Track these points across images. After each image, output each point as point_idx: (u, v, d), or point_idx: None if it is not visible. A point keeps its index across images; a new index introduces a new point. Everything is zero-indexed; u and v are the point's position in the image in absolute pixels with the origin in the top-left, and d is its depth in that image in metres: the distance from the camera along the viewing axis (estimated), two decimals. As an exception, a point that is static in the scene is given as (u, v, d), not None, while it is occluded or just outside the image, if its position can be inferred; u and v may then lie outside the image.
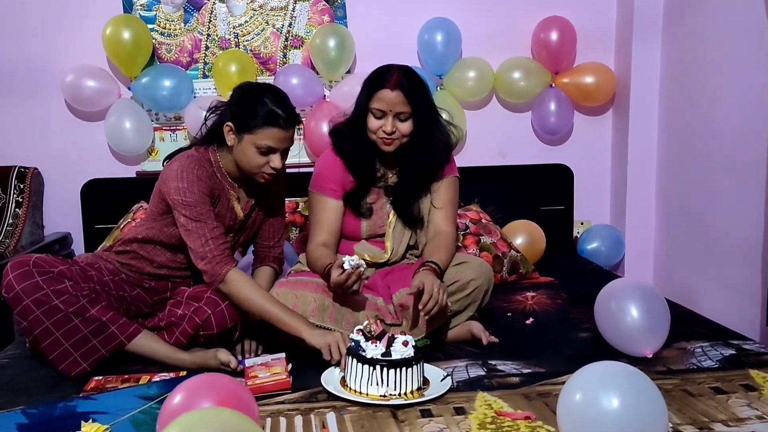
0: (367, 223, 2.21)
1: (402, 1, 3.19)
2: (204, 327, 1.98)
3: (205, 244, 1.95)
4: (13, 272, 1.86)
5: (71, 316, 1.87)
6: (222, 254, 1.96)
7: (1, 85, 3.04)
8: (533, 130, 3.35)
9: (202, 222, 1.96)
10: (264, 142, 1.94)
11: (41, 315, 1.85)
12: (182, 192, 1.96)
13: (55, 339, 1.87)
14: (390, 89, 2.05)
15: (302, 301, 2.01)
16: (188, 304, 2.01)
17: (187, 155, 2.04)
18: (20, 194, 2.98)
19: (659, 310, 1.92)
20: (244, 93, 2.01)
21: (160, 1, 3.08)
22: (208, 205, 1.99)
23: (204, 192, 1.98)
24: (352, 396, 1.68)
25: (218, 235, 1.97)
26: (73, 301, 1.87)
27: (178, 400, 1.32)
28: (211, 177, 2.04)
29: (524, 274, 2.81)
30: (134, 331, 1.95)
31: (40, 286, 1.85)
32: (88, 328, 1.89)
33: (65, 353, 1.88)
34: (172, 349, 1.97)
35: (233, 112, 1.98)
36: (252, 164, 1.98)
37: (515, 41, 3.24)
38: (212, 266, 1.94)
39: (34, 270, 1.86)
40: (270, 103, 1.94)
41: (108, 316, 1.91)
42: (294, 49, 3.17)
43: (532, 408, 1.62)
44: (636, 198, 3.23)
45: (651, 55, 3.14)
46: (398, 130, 2.09)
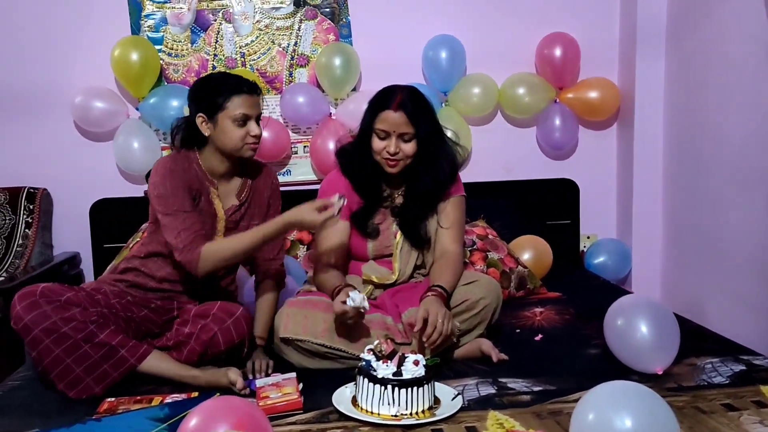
0: (373, 243, 2.23)
1: (406, 19, 3.21)
2: (211, 345, 1.99)
3: (177, 236, 2.01)
4: (20, 303, 1.87)
5: (80, 342, 1.88)
6: (192, 242, 2.00)
7: (11, 107, 3.06)
8: (538, 145, 3.36)
9: (173, 215, 2.02)
10: (238, 111, 2.03)
11: (50, 344, 1.86)
12: (156, 186, 2.05)
13: (66, 366, 1.88)
14: (393, 110, 2.07)
15: (312, 321, 2.02)
16: (195, 322, 2.02)
17: (165, 155, 2.16)
18: (30, 215, 3.00)
19: (669, 326, 1.92)
20: (202, 82, 2.13)
21: (167, 23, 3.11)
22: (181, 197, 2.04)
23: (177, 184, 2.04)
24: (363, 416, 1.69)
25: (189, 225, 2.02)
26: (82, 327, 1.89)
27: (194, 424, 1.33)
28: (189, 172, 2.10)
29: (532, 289, 2.81)
30: (144, 352, 1.96)
31: (48, 315, 1.86)
32: (98, 353, 1.90)
33: (77, 379, 1.89)
34: (184, 367, 1.98)
35: (199, 103, 2.07)
36: (234, 138, 2.05)
37: (519, 57, 3.26)
38: (185, 255, 2.00)
39: (41, 300, 1.88)
40: (228, 77, 2.10)
41: (117, 339, 1.93)
42: (300, 68, 3.20)
43: (543, 426, 1.62)
44: (642, 211, 3.24)
45: (655, 69, 3.15)
46: (402, 151, 2.10)
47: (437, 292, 2.02)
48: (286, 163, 3.22)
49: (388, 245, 2.23)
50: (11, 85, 3.05)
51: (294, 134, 3.21)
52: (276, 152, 3.06)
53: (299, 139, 3.22)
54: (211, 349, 2.00)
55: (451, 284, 2.08)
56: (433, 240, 2.23)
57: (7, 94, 3.06)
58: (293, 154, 3.22)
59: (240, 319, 2.02)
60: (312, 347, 2.02)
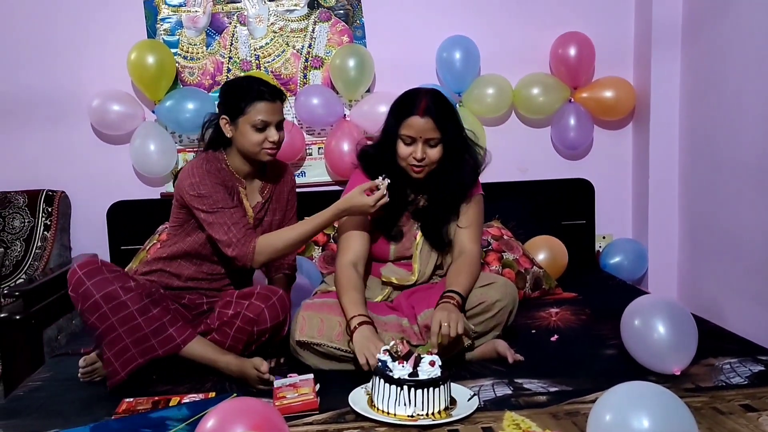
0: (395, 246, 2.23)
1: (420, 20, 3.22)
2: (258, 322, 2.02)
3: (228, 232, 2.06)
4: (82, 270, 1.94)
5: (135, 313, 1.94)
6: (244, 236, 2.06)
7: (29, 111, 3.11)
8: (553, 145, 3.35)
9: (220, 212, 2.07)
10: (258, 117, 2.07)
11: (108, 311, 1.92)
12: (195, 186, 2.09)
13: (118, 335, 1.93)
14: (420, 116, 2.05)
15: (328, 325, 2.03)
16: (238, 303, 2.06)
17: (196, 158, 2.21)
18: (48, 217, 3.04)
19: (686, 326, 1.91)
20: (229, 86, 2.19)
21: (182, 26, 3.13)
22: (223, 194, 2.10)
23: (216, 182, 2.10)
24: (379, 416, 1.69)
25: (238, 219, 2.08)
26: (138, 299, 1.95)
27: (211, 425, 1.34)
28: (221, 171, 2.15)
29: (547, 290, 2.81)
30: (189, 335, 2.01)
31: (111, 282, 1.93)
32: (150, 326, 1.96)
33: (124, 348, 1.94)
34: (220, 352, 2.03)
35: (224, 106, 2.14)
36: (253, 142, 2.09)
37: (533, 57, 3.25)
38: (239, 250, 2.05)
39: (103, 267, 1.96)
40: (252, 83, 2.13)
41: (168, 318, 2.00)
42: (314, 70, 3.21)
43: (560, 427, 1.61)
44: (658, 211, 3.22)
45: (670, 67, 3.14)
46: (428, 157, 2.09)
47: (451, 298, 2.00)
48: (301, 164, 3.24)
49: (409, 247, 2.23)
50: (30, 89, 3.09)
51: (308, 136, 3.23)
52: (291, 154, 3.07)
53: (314, 141, 3.24)
54: (258, 326, 2.03)
55: (467, 287, 2.07)
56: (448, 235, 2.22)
57: (26, 98, 3.10)
58: (308, 156, 3.24)
59: (283, 297, 2.08)
60: (328, 350, 2.02)
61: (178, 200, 2.17)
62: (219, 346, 2.05)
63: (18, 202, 3.03)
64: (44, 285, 2.64)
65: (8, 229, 2.99)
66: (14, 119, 3.11)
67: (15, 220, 3.01)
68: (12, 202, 3.03)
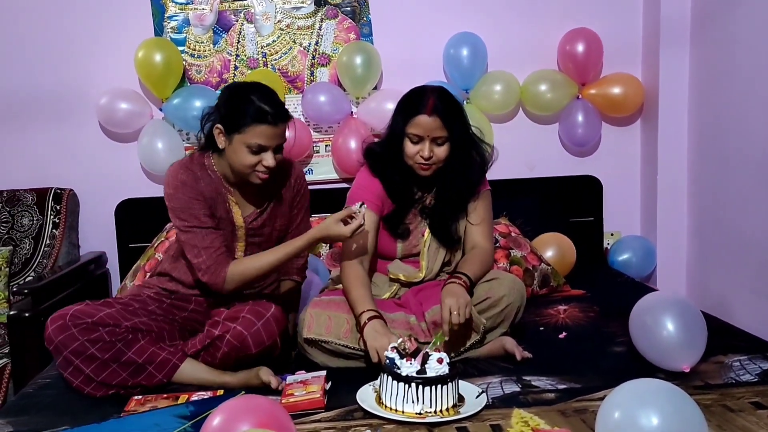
0: (403, 244, 2.23)
1: (427, 17, 3.21)
2: (242, 348, 1.94)
3: (197, 256, 1.99)
4: (51, 326, 1.90)
5: (109, 362, 1.90)
6: (215, 262, 1.98)
7: (37, 110, 3.12)
8: (561, 142, 3.34)
9: (191, 232, 1.99)
10: (254, 141, 1.92)
11: (80, 364, 1.89)
12: (170, 198, 2.01)
13: (98, 384, 1.91)
14: (427, 114, 2.05)
15: (335, 322, 2.03)
16: (225, 324, 1.97)
17: (177, 162, 2.08)
18: (57, 215, 3.05)
19: (696, 323, 1.90)
20: (231, 93, 1.99)
21: (190, 24, 3.14)
22: (196, 209, 1.99)
23: (191, 196, 1.99)
24: (388, 414, 1.69)
25: (209, 243, 1.99)
26: (109, 347, 1.90)
27: (217, 423, 1.34)
28: (202, 180, 2.04)
29: (555, 287, 2.80)
30: (172, 368, 1.96)
31: (76, 337, 1.88)
32: (126, 371, 1.92)
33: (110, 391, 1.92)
34: (215, 374, 1.97)
35: (221, 113, 1.97)
36: (244, 164, 1.95)
37: (541, 54, 3.24)
38: (209, 276, 1.99)
39: (69, 323, 1.89)
40: (257, 101, 1.92)
41: (146, 355, 1.93)
42: (321, 67, 3.21)
43: (569, 425, 1.61)
44: (667, 208, 3.20)
45: (679, 63, 3.12)
46: (435, 155, 2.09)
47: (460, 279, 2.01)
48: (308, 162, 3.24)
49: (416, 244, 2.23)
50: (38, 88, 3.10)
51: (315, 133, 3.23)
52: (298, 151, 3.07)
53: (321, 138, 3.23)
54: (243, 352, 1.95)
55: (477, 274, 2.08)
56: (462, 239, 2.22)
57: (34, 96, 3.11)
58: (315, 153, 3.24)
59: (270, 321, 1.95)
60: (336, 348, 2.02)
61: None
62: (211, 362, 1.99)
63: (27, 200, 3.04)
64: (53, 283, 2.66)
65: (17, 227, 3.01)
66: (23, 118, 3.12)
67: (24, 218, 3.02)
68: (21, 200, 3.04)
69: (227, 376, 1.97)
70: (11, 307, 2.61)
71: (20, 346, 2.43)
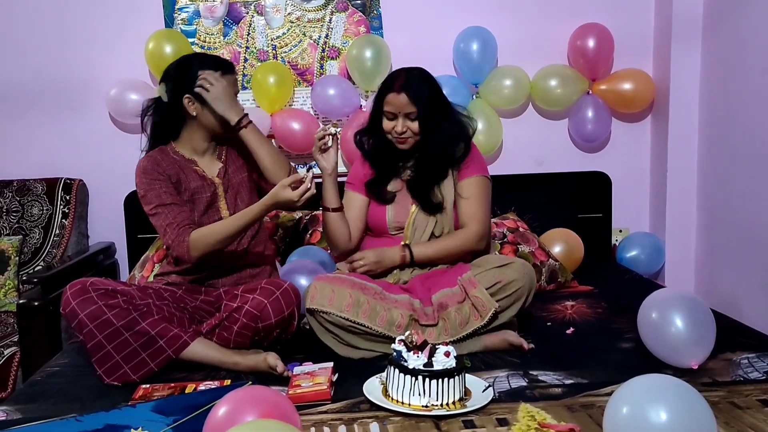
0: (391, 210, 2.32)
1: (437, 11, 3.20)
2: (261, 317, 1.98)
3: (164, 234, 2.13)
4: (71, 290, 1.96)
5: (122, 329, 1.93)
6: (177, 234, 2.10)
7: (47, 100, 3.13)
8: (570, 137, 3.33)
9: (156, 215, 2.14)
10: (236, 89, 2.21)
11: (94, 328, 1.92)
12: (138, 186, 2.18)
13: (107, 352, 1.93)
14: (396, 92, 2.21)
15: (338, 295, 2.06)
16: (243, 296, 2.02)
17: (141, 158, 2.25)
18: (66, 205, 3.06)
19: (705, 320, 1.89)
20: (181, 66, 2.22)
21: (200, 16, 3.14)
22: (157, 191, 2.14)
23: (152, 177, 2.15)
24: (394, 406, 1.69)
25: (172, 219, 2.12)
26: (124, 315, 1.94)
27: (222, 413, 1.35)
28: (162, 163, 2.20)
29: (563, 282, 2.79)
30: (182, 344, 1.98)
31: (94, 301, 1.93)
32: (137, 341, 1.94)
33: (115, 366, 1.94)
34: (225, 354, 2.00)
35: (184, 84, 2.17)
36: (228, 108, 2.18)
37: (551, 49, 3.22)
38: (177, 250, 2.11)
39: (89, 287, 1.95)
40: (207, 58, 2.24)
41: (158, 329, 1.96)
42: (331, 60, 3.21)
43: (575, 420, 1.61)
44: (676, 205, 3.19)
45: (691, 60, 3.10)
46: (409, 129, 2.23)
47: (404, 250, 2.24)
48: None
49: (406, 214, 2.30)
50: (49, 79, 3.11)
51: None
52: (306, 144, 3.07)
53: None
54: (262, 321, 1.99)
55: (431, 254, 2.26)
56: (445, 206, 2.29)
57: (45, 87, 3.12)
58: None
59: (288, 290, 2.03)
60: (336, 320, 2.05)
61: None
62: (225, 342, 2.02)
63: (37, 190, 3.06)
64: (62, 272, 2.67)
65: (27, 217, 3.02)
66: (33, 108, 3.13)
67: (34, 207, 3.04)
68: (31, 190, 3.06)
69: (237, 356, 1.99)
70: (20, 296, 2.64)
71: (29, 334, 2.45)
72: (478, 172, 2.32)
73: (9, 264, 2.86)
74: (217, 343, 2.03)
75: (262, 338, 2.03)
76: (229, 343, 2.02)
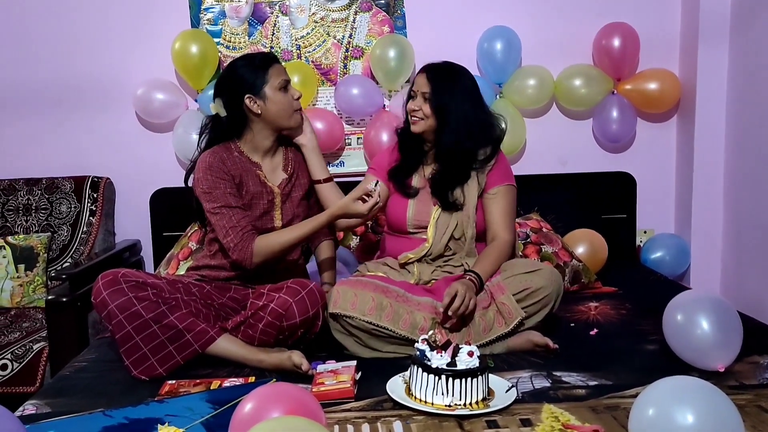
0: (413, 208, 2.31)
1: (461, 11, 3.19)
2: (286, 316, 2.00)
3: (226, 235, 2.13)
4: (102, 280, 2.00)
5: (150, 321, 1.97)
6: (241, 240, 2.12)
7: (76, 100, 3.17)
8: (594, 137, 3.30)
9: (219, 214, 2.14)
10: (280, 79, 2.20)
11: (123, 319, 1.96)
12: (199, 182, 2.18)
13: (135, 344, 1.96)
14: (420, 72, 2.30)
15: (361, 299, 2.07)
16: (269, 295, 2.05)
17: (203, 153, 2.25)
18: (94, 203, 3.11)
19: (731, 322, 1.87)
20: (232, 71, 2.24)
21: (226, 16, 3.17)
22: (223, 191, 2.15)
23: (217, 176, 2.16)
24: (417, 405, 1.70)
25: (236, 222, 2.13)
26: (153, 307, 1.98)
27: (248, 409, 1.36)
28: (227, 161, 2.21)
29: (586, 283, 2.78)
30: (209, 339, 2.01)
31: (125, 292, 1.97)
32: (165, 334, 1.98)
33: (143, 358, 1.97)
34: (250, 351, 2.03)
35: (241, 87, 2.19)
36: (285, 105, 2.21)
37: (576, 48, 3.20)
38: (238, 253, 2.12)
39: (120, 278, 1.99)
40: (253, 57, 2.27)
41: (186, 323, 1.99)
42: (354, 60, 3.22)
43: (600, 421, 1.60)
44: (702, 206, 3.15)
45: (718, 59, 3.06)
46: (421, 110, 2.27)
47: (470, 278, 2.12)
48: (340, 154, 3.25)
49: (427, 213, 2.30)
50: (77, 78, 3.16)
51: (348, 126, 3.24)
52: (330, 144, 3.08)
53: (353, 131, 3.25)
54: (287, 320, 2.01)
55: (487, 272, 2.18)
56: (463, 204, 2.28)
57: (73, 86, 3.17)
58: (347, 146, 3.25)
59: (313, 290, 2.05)
60: (359, 323, 2.06)
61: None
62: (250, 339, 2.04)
63: (65, 188, 3.11)
64: (89, 269, 2.71)
65: (55, 214, 3.08)
66: (62, 107, 3.18)
67: (62, 205, 3.09)
68: (59, 188, 3.11)
69: (262, 354, 2.01)
70: (49, 292, 2.68)
71: (57, 329, 2.48)
72: (507, 180, 2.33)
73: (38, 260, 2.91)
74: (242, 340, 2.05)
75: (287, 337, 2.05)
76: (254, 340, 2.04)
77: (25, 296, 2.86)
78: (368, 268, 2.32)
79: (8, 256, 2.88)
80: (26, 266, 2.89)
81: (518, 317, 2.05)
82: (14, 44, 3.15)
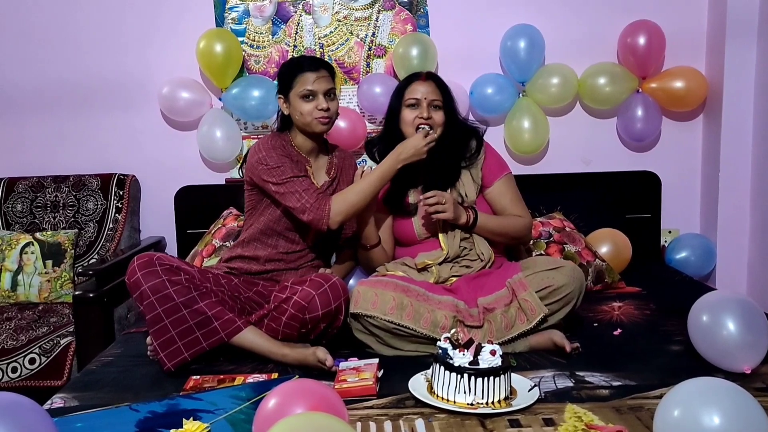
0: (417, 222, 2.33)
1: (485, 9, 3.19)
2: (309, 308, 2.02)
3: (300, 198, 2.17)
4: (137, 261, 2.04)
5: (180, 305, 2.00)
6: (317, 200, 2.17)
7: (102, 98, 3.22)
8: (618, 136, 3.28)
9: (290, 181, 2.19)
10: (303, 88, 2.20)
11: (155, 301, 1.99)
12: (263, 160, 2.22)
13: (164, 326, 2.00)
14: (423, 80, 2.29)
15: (381, 299, 2.07)
16: (292, 288, 2.07)
17: (262, 138, 2.36)
18: (120, 200, 3.15)
19: (758, 324, 1.85)
20: (280, 67, 2.33)
21: (250, 15, 3.19)
22: (290, 165, 2.22)
23: (282, 154, 2.23)
24: (439, 403, 1.70)
25: (308, 186, 2.20)
26: (185, 292, 2.01)
27: (272, 405, 1.38)
28: (286, 148, 2.28)
29: (610, 283, 2.75)
30: (235, 329, 2.04)
31: (159, 275, 2.01)
32: (194, 319, 2.01)
33: (170, 341, 2.00)
34: (275, 344, 2.05)
35: (278, 86, 2.29)
36: (305, 112, 2.21)
37: (600, 47, 3.18)
38: (314, 214, 2.16)
39: (155, 261, 2.03)
40: (298, 59, 2.33)
41: (214, 311, 2.03)
42: (377, 58, 3.23)
43: (623, 422, 1.59)
44: (728, 205, 3.11)
45: (745, 57, 3.02)
46: (434, 119, 2.26)
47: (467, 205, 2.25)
48: (362, 153, 3.25)
49: (433, 221, 2.30)
50: (103, 77, 3.21)
51: (370, 124, 3.24)
52: (352, 142, 3.09)
53: (375, 129, 3.25)
54: (309, 313, 2.02)
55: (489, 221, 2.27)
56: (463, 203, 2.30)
57: (100, 85, 3.22)
58: (369, 144, 3.26)
59: (336, 284, 2.08)
60: (380, 323, 2.06)
61: (248, 181, 2.29)
62: (273, 332, 2.06)
63: (92, 185, 3.16)
64: (115, 265, 2.75)
65: (82, 211, 3.12)
66: (89, 106, 3.23)
67: (89, 202, 3.14)
68: (86, 185, 3.16)
69: (286, 348, 2.03)
70: (76, 288, 2.72)
71: (84, 324, 2.53)
72: (504, 170, 2.38)
73: (65, 257, 2.95)
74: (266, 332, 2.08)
75: (309, 330, 2.06)
76: (278, 334, 2.06)
77: (52, 292, 2.91)
78: (387, 269, 2.32)
79: (36, 252, 2.94)
80: (54, 262, 2.94)
81: (541, 314, 2.04)
82: (42, 45, 3.20)
